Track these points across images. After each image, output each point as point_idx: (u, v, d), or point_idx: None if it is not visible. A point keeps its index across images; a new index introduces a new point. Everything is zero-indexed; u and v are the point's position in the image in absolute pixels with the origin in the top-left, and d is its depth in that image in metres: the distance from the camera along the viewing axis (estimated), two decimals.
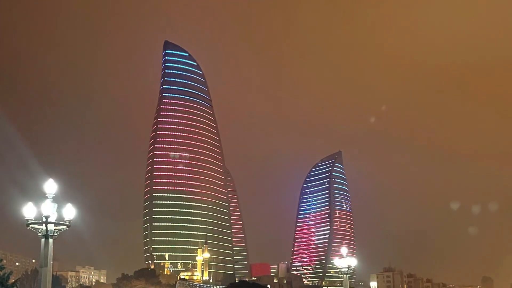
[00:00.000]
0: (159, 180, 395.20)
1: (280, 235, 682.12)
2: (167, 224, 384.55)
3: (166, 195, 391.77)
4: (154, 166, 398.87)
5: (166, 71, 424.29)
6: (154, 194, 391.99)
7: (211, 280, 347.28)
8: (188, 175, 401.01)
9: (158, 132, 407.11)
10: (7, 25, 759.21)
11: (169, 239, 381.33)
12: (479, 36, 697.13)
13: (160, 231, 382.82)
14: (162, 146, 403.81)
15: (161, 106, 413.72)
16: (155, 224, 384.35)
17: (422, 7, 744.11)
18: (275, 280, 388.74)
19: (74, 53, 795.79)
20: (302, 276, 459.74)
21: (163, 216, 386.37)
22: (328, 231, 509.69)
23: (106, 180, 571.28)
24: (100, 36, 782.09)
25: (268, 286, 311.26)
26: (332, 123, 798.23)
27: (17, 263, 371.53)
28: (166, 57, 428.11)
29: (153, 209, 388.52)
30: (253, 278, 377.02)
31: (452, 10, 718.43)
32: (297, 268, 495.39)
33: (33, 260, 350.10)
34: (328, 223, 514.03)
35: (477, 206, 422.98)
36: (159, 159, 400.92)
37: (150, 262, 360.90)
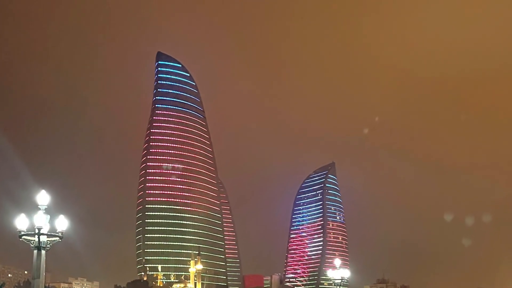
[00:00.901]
0: (151, 192, 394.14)
1: (273, 247, 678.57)
2: (160, 235, 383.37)
3: (158, 206, 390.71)
4: (147, 178, 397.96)
5: (158, 82, 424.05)
6: (146, 205, 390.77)
7: None
8: (181, 186, 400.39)
9: (151, 143, 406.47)
10: None
11: (162, 250, 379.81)
12: (473, 47, 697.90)
13: (153, 243, 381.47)
14: (155, 157, 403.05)
15: (154, 117, 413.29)
16: (148, 235, 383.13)
17: (416, 18, 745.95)
18: None
19: (67, 64, 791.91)
20: (296, 287, 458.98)
21: (155, 228, 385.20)
22: (322, 243, 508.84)
23: (99, 191, 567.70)
24: (92, 47, 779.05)
25: None
26: (325, 134, 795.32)
27: (9, 275, 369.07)
28: (159, 68, 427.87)
29: (146, 220, 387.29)
30: None
31: (446, 21, 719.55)
32: (290, 279, 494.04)
33: (26, 272, 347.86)
34: (321, 235, 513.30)
35: (470, 217, 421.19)
36: (152, 170, 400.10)
37: (142, 273, 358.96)
